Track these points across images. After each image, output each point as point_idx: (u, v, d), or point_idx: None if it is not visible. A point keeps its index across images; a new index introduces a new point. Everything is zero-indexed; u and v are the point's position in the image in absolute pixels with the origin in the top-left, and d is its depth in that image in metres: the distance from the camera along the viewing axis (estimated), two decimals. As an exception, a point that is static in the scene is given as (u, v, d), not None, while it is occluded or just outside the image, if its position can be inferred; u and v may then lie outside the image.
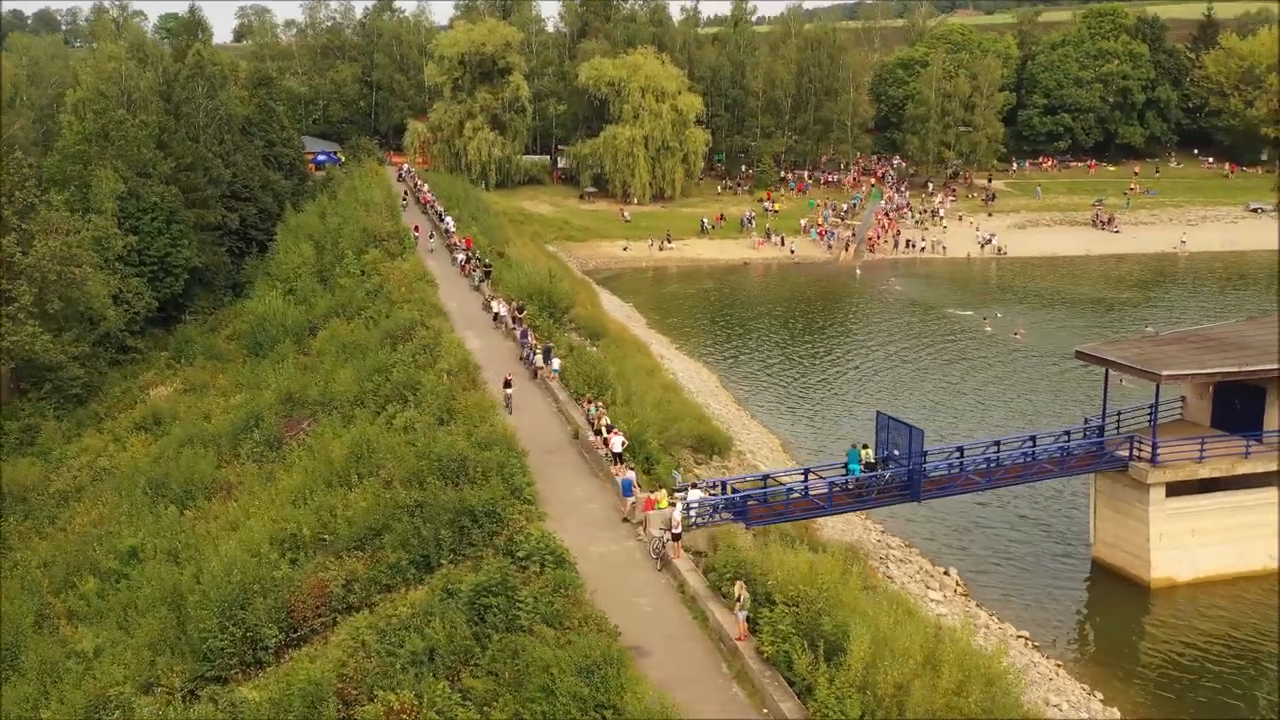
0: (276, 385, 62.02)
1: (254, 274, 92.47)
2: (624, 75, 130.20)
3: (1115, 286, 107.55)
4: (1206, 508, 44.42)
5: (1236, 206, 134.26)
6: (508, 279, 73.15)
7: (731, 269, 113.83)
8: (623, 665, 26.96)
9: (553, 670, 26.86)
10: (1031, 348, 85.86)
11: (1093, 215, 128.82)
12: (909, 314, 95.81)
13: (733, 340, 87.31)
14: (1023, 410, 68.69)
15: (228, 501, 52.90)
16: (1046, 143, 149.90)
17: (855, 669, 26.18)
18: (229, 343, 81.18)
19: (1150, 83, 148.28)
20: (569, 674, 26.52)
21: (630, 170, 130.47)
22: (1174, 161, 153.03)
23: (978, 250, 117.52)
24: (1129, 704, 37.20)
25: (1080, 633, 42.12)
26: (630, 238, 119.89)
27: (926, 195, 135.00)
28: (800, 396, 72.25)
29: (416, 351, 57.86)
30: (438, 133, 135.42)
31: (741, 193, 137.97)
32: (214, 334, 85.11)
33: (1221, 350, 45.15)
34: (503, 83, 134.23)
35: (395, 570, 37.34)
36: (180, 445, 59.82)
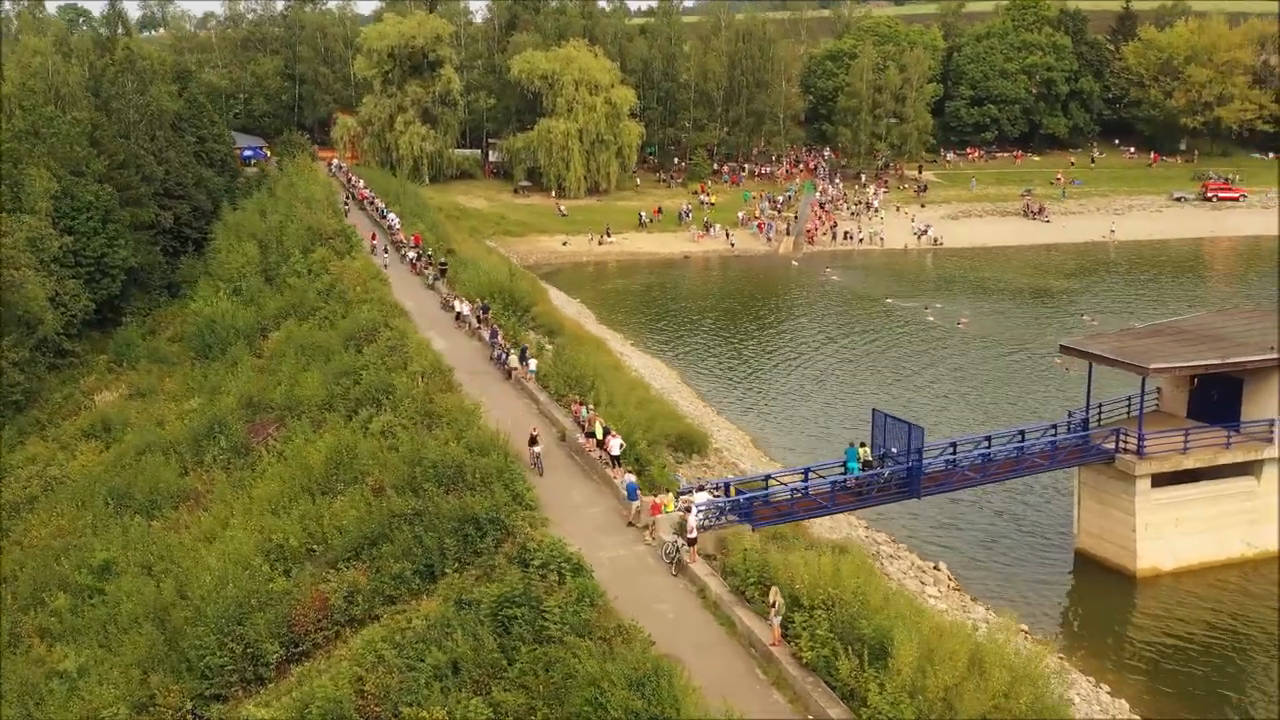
0: (237, 390, 60.52)
1: (191, 274, 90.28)
2: (557, 68, 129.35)
3: (1052, 275, 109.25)
4: (1189, 498, 45.17)
5: (1160, 195, 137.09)
6: (465, 277, 72.23)
7: (672, 263, 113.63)
8: (673, 676, 26.57)
9: (602, 684, 26.34)
10: (977, 337, 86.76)
11: (1023, 205, 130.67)
12: (853, 306, 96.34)
13: (685, 335, 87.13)
14: (981, 402, 69.38)
15: (196, 511, 51.63)
16: (973, 133, 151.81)
17: (905, 673, 26.04)
18: (172, 345, 79.17)
19: (1073, 74, 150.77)
20: (620, 687, 26.03)
21: (565, 164, 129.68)
22: (1096, 151, 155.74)
23: (914, 241, 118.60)
24: (1133, 693, 37.68)
25: (1076, 624, 42.53)
26: (569, 232, 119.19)
27: (860, 187, 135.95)
28: (760, 392, 72.28)
29: (383, 353, 56.87)
30: (368, 127, 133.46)
31: (675, 186, 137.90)
32: (154, 336, 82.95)
33: (1200, 343, 45.89)
34: (434, 76, 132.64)
35: (399, 581, 36.63)
36: (138, 453, 58.20)
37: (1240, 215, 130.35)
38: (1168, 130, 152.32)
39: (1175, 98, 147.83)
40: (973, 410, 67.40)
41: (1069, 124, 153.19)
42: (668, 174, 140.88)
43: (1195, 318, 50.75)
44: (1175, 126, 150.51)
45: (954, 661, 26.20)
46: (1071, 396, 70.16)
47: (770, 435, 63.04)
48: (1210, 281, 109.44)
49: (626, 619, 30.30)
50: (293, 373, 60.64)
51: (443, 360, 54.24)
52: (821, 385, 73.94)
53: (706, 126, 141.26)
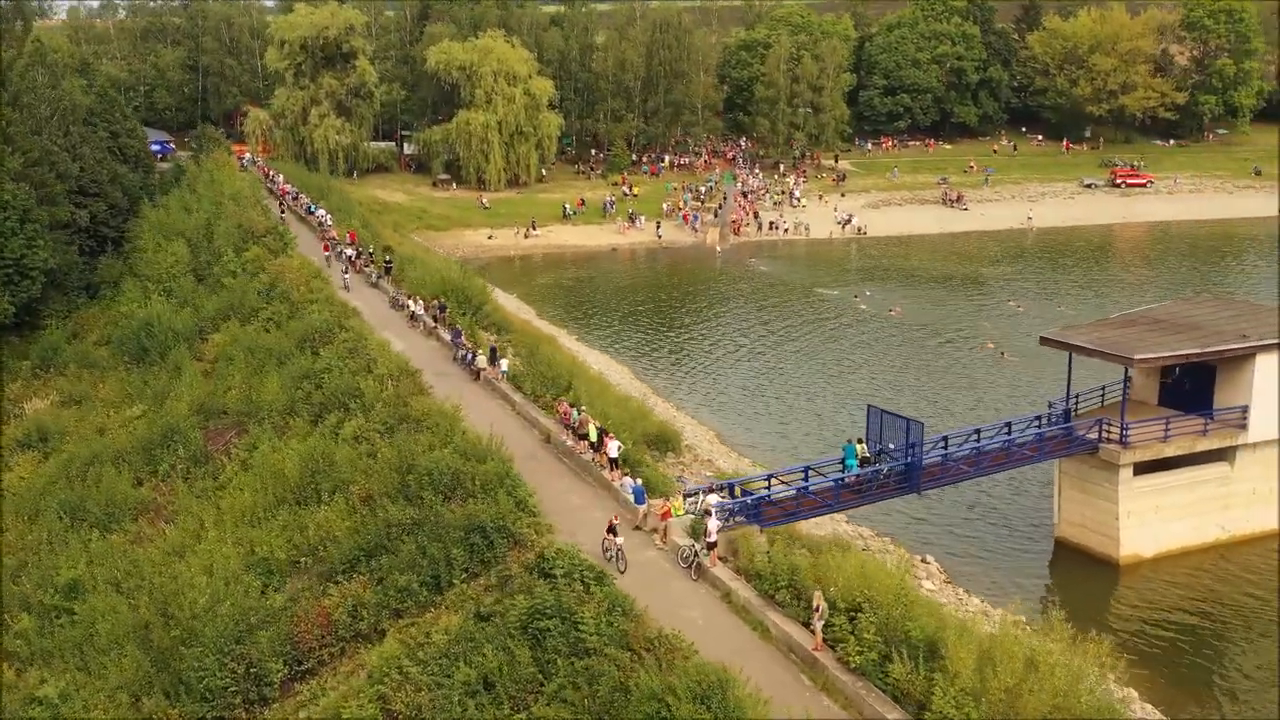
0: (188, 396, 58.61)
1: (111, 274, 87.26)
2: (474, 59, 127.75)
3: (977, 263, 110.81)
4: (1168, 485, 45.99)
5: (1071, 182, 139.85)
6: (412, 275, 70.92)
7: (601, 255, 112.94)
8: (735, 686, 26.14)
9: (666, 698, 25.77)
10: (910, 324, 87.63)
11: (942, 193, 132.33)
12: (786, 296, 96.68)
13: (627, 330, 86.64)
14: (928, 391, 69.81)
15: (158, 523, 49.94)
16: (887, 122, 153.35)
17: (965, 675, 25.92)
18: (100, 349, 76.37)
19: (982, 63, 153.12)
20: (686, 701, 25.50)
21: (485, 156, 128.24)
22: (1005, 139, 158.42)
23: (838, 230, 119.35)
24: (1138, 680, 38.14)
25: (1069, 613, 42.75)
26: (492, 225, 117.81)
27: (779, 176, 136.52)
28: (713, 386, 72.14)
29: (343, 356, 55.49)
30: (280, 120, 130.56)
31: (595, 177, 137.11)
32: (79, 340, 80.00)
33: (1176, 332, 46.68)
34: (348, 68, 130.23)
35: (405, 593, 35.62)
36: (85, 464, 56.01)
37: (1149, 201, 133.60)
38: (1073, 118, 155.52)
39: (1080, 86, 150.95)
40: (924, 401, 67.63)
41: (979, 112, 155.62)
42: (586, 165, 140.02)
43: (1164, 307, 51.61)
44: (1081, 114, 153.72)
45: (1013, 662, 26.15)
46: (1014, 382, 71.31)
47: (733, 430, 62.88)
48: (1133, 267, 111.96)
49: (666, 629, 29.75)
50: (246, 377, 59.01)
51: (409, 362, 52.99)
52: (770, 377, 74.05)
53: (624, 117, 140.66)
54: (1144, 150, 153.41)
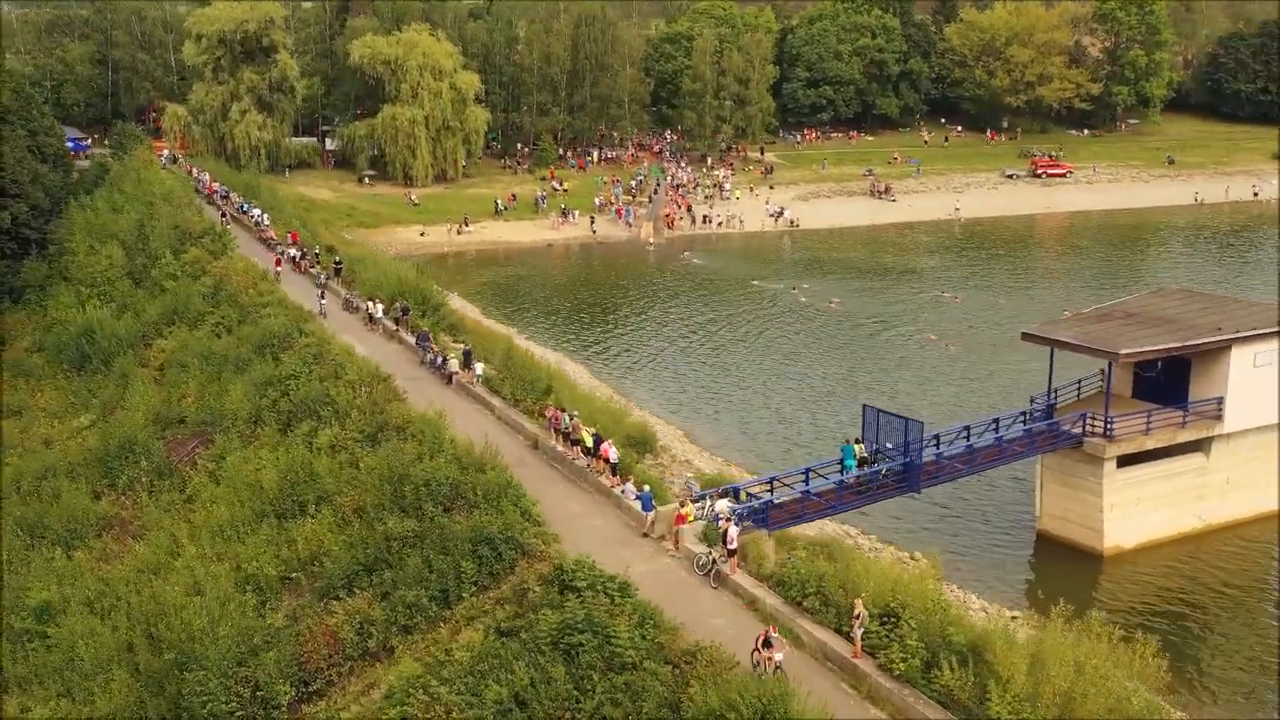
0: (143, 405, 56.75)
1: (36, 277, 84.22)
2: (399, 53, 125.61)
3: (910, 254, 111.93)
4: (1149, 477, 46.71)
5: (993, 173, 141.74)
6: (364, 276, 69.52)
7: (535, 251, 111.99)
8: (794, 699, 25.82)
9: (727, 715, 25.35)
10: (851, 317, 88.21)
11: (870, 185, 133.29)
12: (725, 289, 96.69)
13: (574, 327, 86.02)
14: (885, 386, 70.01)
15: (125, 539, 48.35)
16: (810, 114, 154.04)
17: (1019, 680, 25.88)
18: (33, 356, 73.76)
19: (903, 55, 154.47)
20: (748, 718, 25.11)
21: (412, 152, 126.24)
22: (925, 130, 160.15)
23: (771, 223, 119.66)
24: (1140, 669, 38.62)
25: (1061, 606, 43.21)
26: (423, 222, 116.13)
27: (707, 170, 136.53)
28: (671, 383, 71.89)
29: (307, 361, 54.10)
30: (199, 116, 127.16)
31: (522, 172, 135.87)
32: (7, 346, 77.22)
33: (1153, 326, 47.37)
34: (268, 62, 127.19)
35: (414, 609, 34.76)
36: (37, 478, 54.02)
37: (1069, 191, 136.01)
38: (992, 109, 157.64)
39: (998, 78, 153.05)
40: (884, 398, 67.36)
41: (900, 104, 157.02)
42: (513, 160, 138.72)
43: (1134, 301, 52.38)
44: (999, 105, 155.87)
45: (1064, 666, 26.18)
46: (966, 375, 71.97)
47: (699, 429, 62.66)
48: (1064, 256, 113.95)
49: (703, 640, 29.34)
50: (202, 385, 57.37)
51: (380, 367, 51.84)
52: (723, 373, 74.11)
53: (550, 111, 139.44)
54: (1060, 140, 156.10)
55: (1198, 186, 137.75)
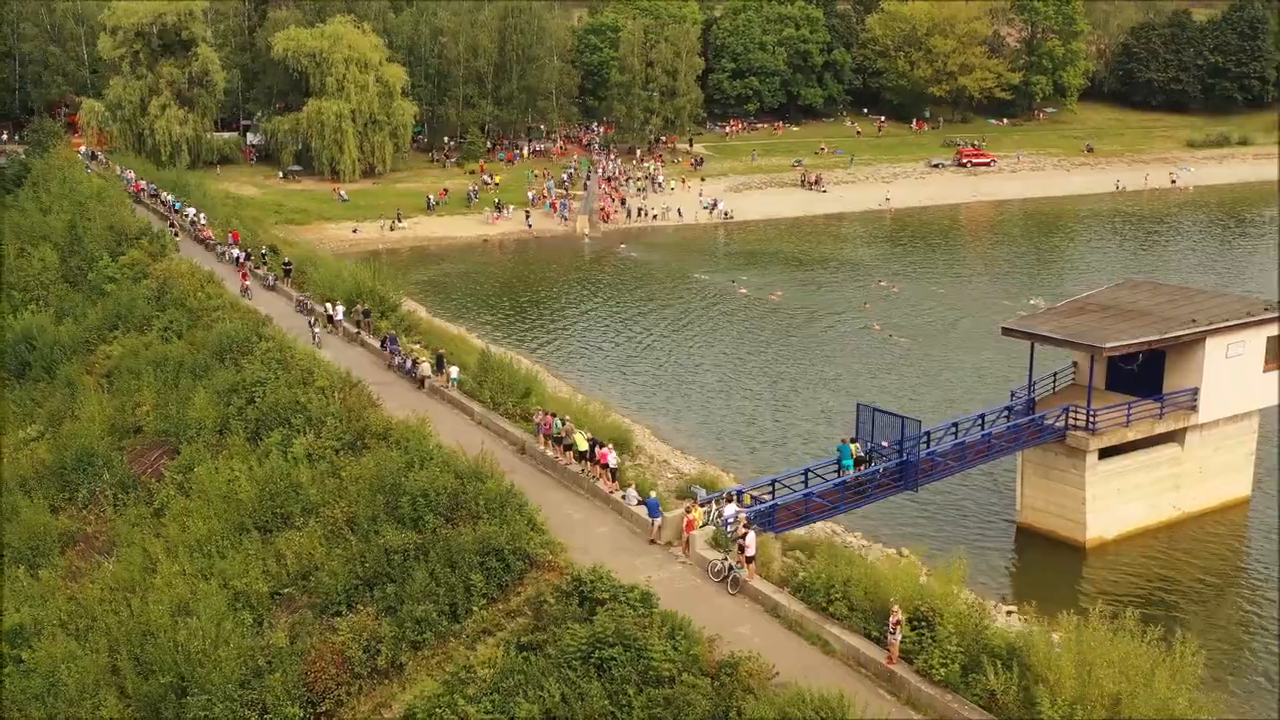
0: (99, 415, 54.90)
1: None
2: (324, 46, 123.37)
3: (844, 244, 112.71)
4: (1128, 468, 47.30)
5: (919, 163, 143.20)
6: (316, 277, 68.04)
7: (472, 247, 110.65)
8: (851, 708, 25.55)
9: (786, 729, 25.01)
10: (793, 309, 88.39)
11: (800, 176, 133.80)
12: (667, 283, 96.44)
13: (521, 325, 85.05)
14: (844, 381, 69.88)
15: (92, 556, 46.73)
16: (736, 105, 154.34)
17: (1069, 685, 25.84)
18: (-38, 364, 71.16)
19: (827, 46, 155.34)
20: (809, 731, 24.80)
21: (339, 146, 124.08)
22: (850, 120, 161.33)
23: (706, 215, 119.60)
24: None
25: (1050, 598, 43.55)
26: (355, 218, 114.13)
27: (637, 162, 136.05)
28: (628, 380, 71.30)
29: (270, 367, 52.69)
30: (117, 111, 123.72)
31: (450, 165, 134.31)
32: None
33: (1129, 319, 47.89)
34: (188, 55, 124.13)
35: (423, 624, 33.90)
36: (-10, 494, 52.12)
37: (995, 180, 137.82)
38: (914, 99, 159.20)
39: (921, 68, 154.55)
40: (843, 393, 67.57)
41: (824, 94, 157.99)
42: (441, 154, 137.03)
43: (1103, 294, 52.82)
44: (922, 95, 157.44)
45: (1111, 669, 26.19)
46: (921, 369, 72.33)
47: (665, 427, 62.19)
48: (998, 244, 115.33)
49: (740, 650, 28.92)
50: (158, 392, 55.65)
51: (351, 373, 50.63)
52: (676, 369, 73.68)
53: (478, 104, 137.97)
54: (982, 130, 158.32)
55: (1118, 174, 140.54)
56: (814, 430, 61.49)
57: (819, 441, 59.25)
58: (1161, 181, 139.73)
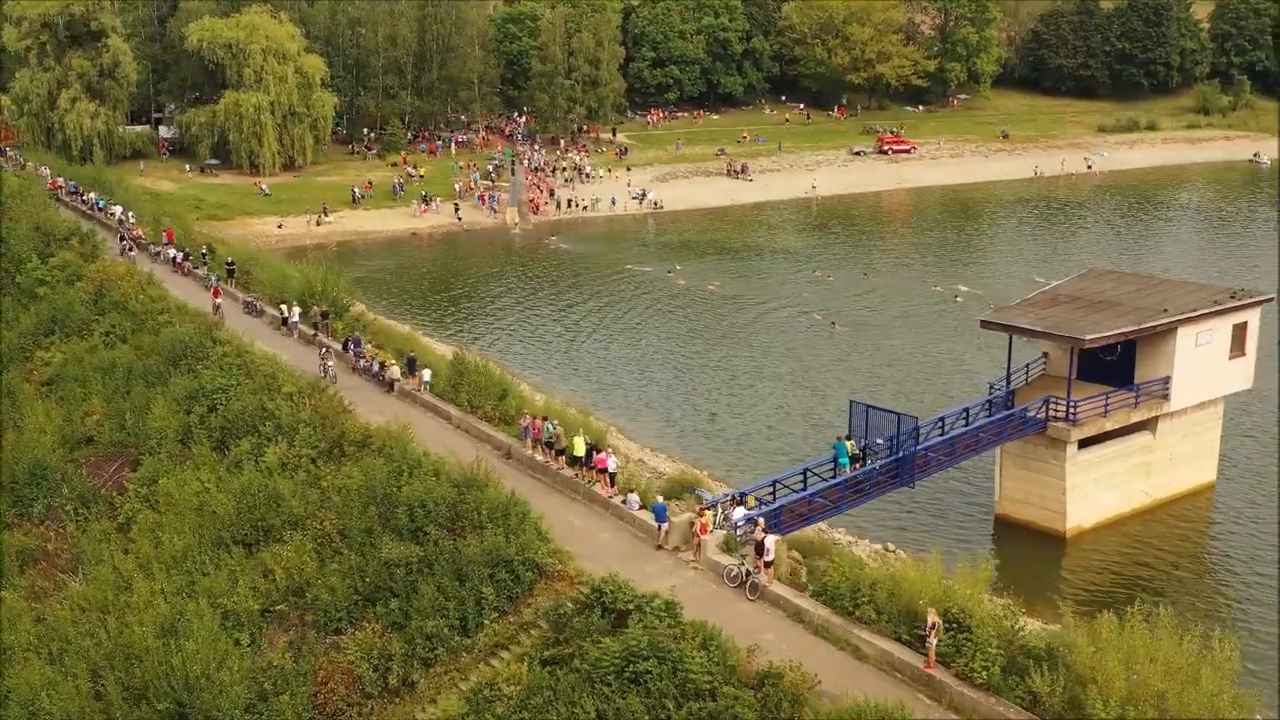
0: (50, 427, 52.83)
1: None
2: (241, 37, 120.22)
3: (775, 233, 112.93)
4: (1105, 457, 47.85)
5: (840, 150, 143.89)
6: (262, 277, 66.24)
7: (401, 241, 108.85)
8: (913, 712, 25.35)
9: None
10: (732, 299, 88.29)
11: (726, 165, 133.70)
12: (602, 275, 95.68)
13: (461, 320, 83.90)
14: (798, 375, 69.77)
15: (55, 575, 44.94)
16: (656, 94, 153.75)
17: (1118, 684, 25.87)
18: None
19: (745, 34, 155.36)
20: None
21: (258, 139, 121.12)
22: (768, 109, 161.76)
23: (635, 206, 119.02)
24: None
25: (1039, 589, 43.97)
26: (279, 213, 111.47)
27: (561, 152, 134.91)
28: (580, 376, 70.47)
29: (230, 373, 51.10)
30: (24, 105, 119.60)
31: (371, 157, 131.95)
32: None
33: (1101, 309, 48.37)
34: (98, 47, 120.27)
35: (435, 640, 33.04)
36: (-66, 511, 49.84)
37: (916, 167, 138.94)
38: (832, 86, 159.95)
39: (839, 56, 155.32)
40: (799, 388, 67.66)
41: (744, 82, 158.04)
42: (361, 146, 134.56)
43: (1069, 284, 53.28)
44: (840, 83, 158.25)
45: (1157, 667, 26.28)
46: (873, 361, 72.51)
47: (630, 425, 61.57)
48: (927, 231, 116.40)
49: (777, 661, 28.54)
50: (108, 401, 53.72)
51: (320, 378, 49.29)
52: (627, 363, 73.24)
53: (398, 94, 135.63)
54: (899, 117, 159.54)
55: (1034, 160, 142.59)
56: (777, 427, 61.38)
57: (786, 438, 59.36)
58: (1078, 167, 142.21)
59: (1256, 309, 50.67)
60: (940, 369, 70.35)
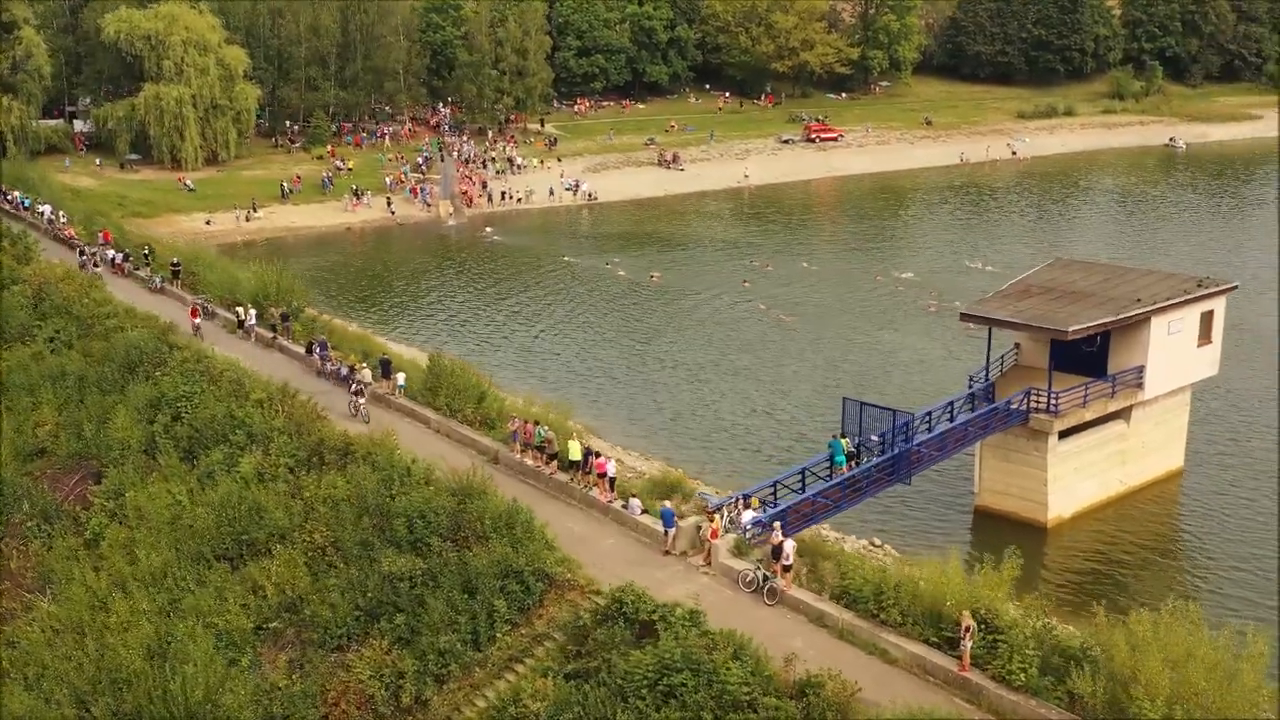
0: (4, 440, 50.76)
1: None
2: (160, 28, 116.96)
3: (710, 223, 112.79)
4: (1083, 447, 48.27)
5: (769, 139, 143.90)
6: (210, 278, 64.41)
7: (334, 236, 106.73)
8: None
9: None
10: (674, 290, 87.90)
11: (657, 155, 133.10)
12: (541, 268, 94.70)
13: (404, 317, 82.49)
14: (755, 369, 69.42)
15: (21, 594, 43.21)
16: (583, 84, 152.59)
17: (1164, 684, 25.88)
18: None
19: (670, 22, 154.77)
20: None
21: (180, 133, 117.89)
22: (692, 98, 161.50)
23: (569, 197, 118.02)
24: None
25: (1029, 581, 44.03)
26: (205, 209, 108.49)
27: (489, 144, 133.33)
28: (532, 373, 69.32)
29: (195, 379, 49.52)
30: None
31: (295, 150, 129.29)
32: None
33: (1076, 300, 48.63)
34: (10, 39, 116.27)
35: (448, 656, 32.21)
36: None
37: (844, 155, 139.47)
38: (756, 74, 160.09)
39: (763, 44, 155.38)
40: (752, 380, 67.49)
41: (669, 71, 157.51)
42: (285, 139, 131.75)
43: (1037, 274, 53.36)
44: (764, 71, 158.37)
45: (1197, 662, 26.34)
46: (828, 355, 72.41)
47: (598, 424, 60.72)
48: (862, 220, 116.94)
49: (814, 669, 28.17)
50: (60, 410, 51.83)
51: (288, 383, 47.89)
52: (580, 358, 72.43)
53: (321, 86, 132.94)
54: (823, 104, 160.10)
55: (959, 147, 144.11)
56: (743, 423, 61.08)
57: (756, 435, 59.27)
58: (1002, 153, 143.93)
59: (1222, 297, 51.42)
60: (897, 359, 70.58)
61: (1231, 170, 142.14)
